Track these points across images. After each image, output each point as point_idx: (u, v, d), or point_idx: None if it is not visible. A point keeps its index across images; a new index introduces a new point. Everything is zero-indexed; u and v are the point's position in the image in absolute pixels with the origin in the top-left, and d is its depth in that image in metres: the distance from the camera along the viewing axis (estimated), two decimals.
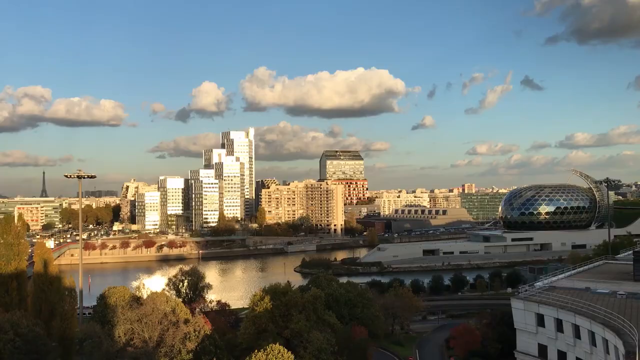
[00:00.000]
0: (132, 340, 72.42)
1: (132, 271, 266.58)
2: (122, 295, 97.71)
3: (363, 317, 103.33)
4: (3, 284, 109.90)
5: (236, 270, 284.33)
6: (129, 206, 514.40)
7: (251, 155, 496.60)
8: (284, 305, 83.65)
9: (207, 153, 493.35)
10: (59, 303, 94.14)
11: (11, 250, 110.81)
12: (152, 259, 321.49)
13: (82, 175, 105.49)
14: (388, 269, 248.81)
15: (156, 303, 77.52)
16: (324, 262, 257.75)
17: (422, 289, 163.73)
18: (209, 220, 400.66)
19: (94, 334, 74.99)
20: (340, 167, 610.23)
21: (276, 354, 53.73)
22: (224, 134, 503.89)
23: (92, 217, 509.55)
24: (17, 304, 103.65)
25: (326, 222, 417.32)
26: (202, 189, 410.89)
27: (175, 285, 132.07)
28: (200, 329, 74.70)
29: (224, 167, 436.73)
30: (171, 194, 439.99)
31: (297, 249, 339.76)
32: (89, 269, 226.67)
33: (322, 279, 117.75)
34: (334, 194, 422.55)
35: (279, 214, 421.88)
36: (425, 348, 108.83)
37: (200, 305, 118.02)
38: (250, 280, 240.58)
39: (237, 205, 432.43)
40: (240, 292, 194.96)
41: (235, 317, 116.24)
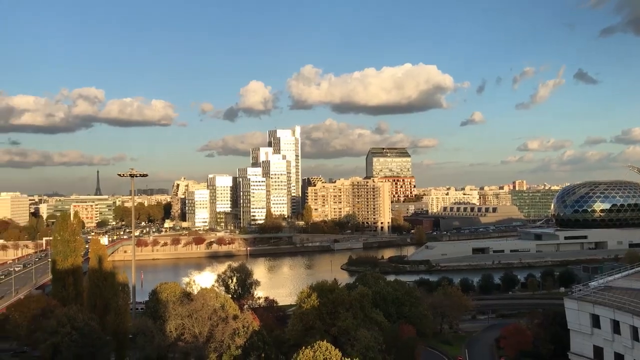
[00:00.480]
0: (183, 335, 73.90)
1: (182, 267, 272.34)
2: (173, 291, 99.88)
3: (411, 315, 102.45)
4: (60, 279, 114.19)
5: (283, 267, 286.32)
6: (180, 204, 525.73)
7: (297, 153, 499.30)
8: (331, 302, 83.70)
9: (254, 151, 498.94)
10: (113, 298, 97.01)
11: (68, 246, 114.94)
12: (202, 255, 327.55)
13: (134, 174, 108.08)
14: (436, 268, 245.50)
15: (206, 299, 78.86)
16: (371, 260, 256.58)
17: (472, 287, 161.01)
18: (256, 217, 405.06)
19: (146, 329, 76.83)
20: (387, 164, 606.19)
21: (324, 351, 53.77)
22: (271, 133, 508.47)
23: (144, 215, 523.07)
24: (73, 298, 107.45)
25: (373, 220, 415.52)
26: (250, 187, 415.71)
27: (225, 282, 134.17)
28: (249, 325, 75.58)
29: (271, 165, 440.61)
30: (220, 192, 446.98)
31: (343, 247, 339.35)
32: (142, 265, 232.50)
33: (369, 277, 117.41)
34: (380, 192, 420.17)
35: (325, 212, 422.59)
36: (475, 348, 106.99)
37: (249, 302, 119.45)
38: (297, 277, 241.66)
39: (283, 202, 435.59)
40: (287, 289, 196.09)
41: (282, 314, 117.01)
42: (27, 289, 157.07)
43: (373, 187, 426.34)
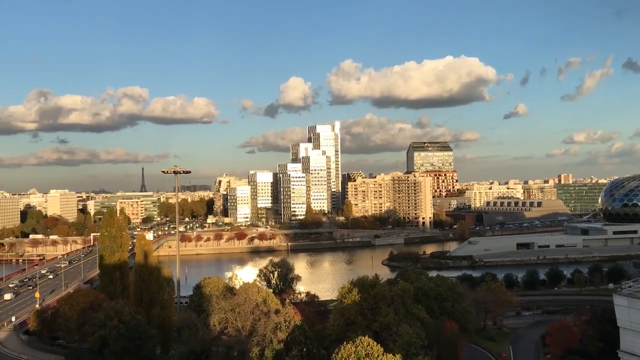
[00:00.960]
0: (226, 329, 74.90)
1: (225, 262, 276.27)
2: (216, 285, 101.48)
3: (453, 311, 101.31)
4: (107, 273, 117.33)
5: (324, 263, 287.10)
6: (222, 200, 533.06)
7: (337, 149, 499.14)
8: (372, 298, 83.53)
9: (294, 147, 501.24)
10: (158, 292, 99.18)
11: (114, 242, 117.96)
12: (244, 250, 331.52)
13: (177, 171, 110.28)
14: (479, 263, 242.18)
15: (248, 293, 79.68)
16: (413, 256, 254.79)
17: (516, 283, 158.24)
18: (296, 213, 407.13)
19: (190, 323, 78.22)
20: (428, 158, 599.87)
21: (365, 346, 53.68)
22: (310, 128, 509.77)
23: (188, 211, 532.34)
24: (120, 292, 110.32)
25: (414, 215, 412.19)
26: (290, 183, 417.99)
27: (266, 276, 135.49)
28: (291, 320, 76.01)
29: (311, 160, 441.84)
30: (261, 188, 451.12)
31: (384, 242, 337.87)
32: (185, 260, 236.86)
33: (410, 272, 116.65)
34: (421, 186, 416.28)
35: (365, 207, 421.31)
36: (520, 344, 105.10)
37: (290, 296, 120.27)
38: (338, 272, 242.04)
39: (323, 198, 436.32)
40: (328, 284, 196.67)
41: (323, 309, 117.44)
42: (76, 283, 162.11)
43: (414, 182, 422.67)
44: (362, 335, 58.01)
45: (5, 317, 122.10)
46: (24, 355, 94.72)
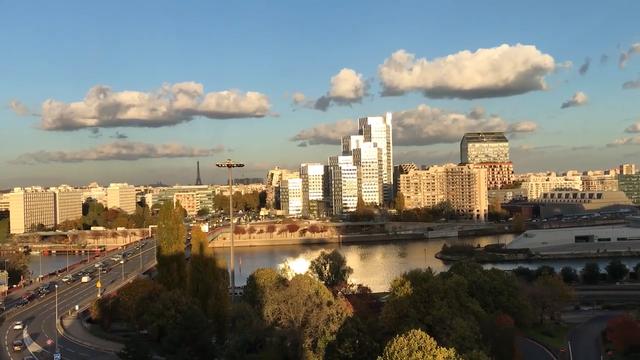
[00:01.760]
0: (279, 320, 75.85)
1: (277, 254, 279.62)
2: (270, 276, 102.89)
3: (509, 305, 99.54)
4: (165, 264, 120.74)
5: (376, 255, 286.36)
6: (274, 192, 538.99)
7: (389, 141, 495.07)
8: (425, 291, 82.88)
9: (345, 140, 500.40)
10: (213, 283, 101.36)
11: (171, 234, 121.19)
12: (296, 242, 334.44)
13: (231, 164, 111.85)
14: (536, 257, 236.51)
15: (301, 285, 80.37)
16: (467, 249, 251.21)
17: (575, 277, 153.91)
18: (348, 205, 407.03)
19: (245, 313, 79.56)
20: (482, 149, 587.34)
21: (418, 339, 53.28)
22: (361, 120, 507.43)
23: (241, 203, 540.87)
24: (177, 283, 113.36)
25: (468, 208, 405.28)
26: (341, 175, 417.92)
27: (318, 268, 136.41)
28: (343, 312, 76.30)
29: (362, 153, 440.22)
30: (312, 181, 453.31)
31: (437, 235, 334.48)
32: (239, 252, 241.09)
33: (464, 265, 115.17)
34: (476, 178, 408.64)
35: (417, 199, 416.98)
36: (579, 340, 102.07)
37: (342, 289, 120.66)
38: (390, 265, 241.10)
39: (375, 190, 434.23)
40: (380, 277, 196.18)
41: (376, 302, 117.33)
42: (135, 273, 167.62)
43: (468, 174, 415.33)
44: (414, 328, 57.60)
45: (70, 305, 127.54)
46: (86, 343, 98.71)
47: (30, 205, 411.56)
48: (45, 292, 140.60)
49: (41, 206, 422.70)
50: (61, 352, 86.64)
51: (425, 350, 51.89)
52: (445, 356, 52.00)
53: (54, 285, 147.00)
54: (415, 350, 51.78)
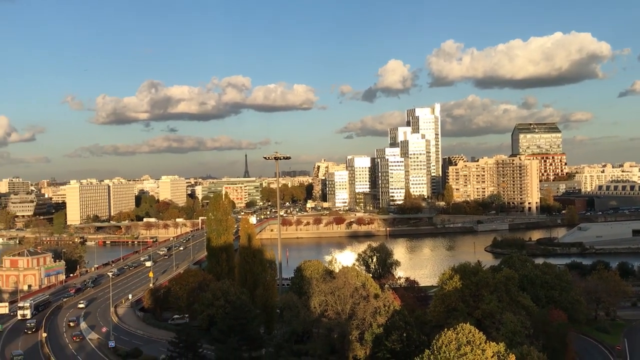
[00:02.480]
0: (326, 312, 76.12)
1: (324, 246, 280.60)
2: (316, 268, 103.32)
3: (561, 300, 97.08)
4: (215, 255, 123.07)
5: (424, 248, 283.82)
6: (320, 185, 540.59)
7: (437, 132, 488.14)
8: (474, 284, 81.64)
9: (392, 131, 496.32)
10: (261, 274, 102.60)
11: (220, 225, 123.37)
12: (342, 235, 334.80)
13: (278, 157, 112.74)
14: (590, 250, 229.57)
15: (347, 277, 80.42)
16: (517, 242, 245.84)
17: (632, 272, 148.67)
18: (395, 198, 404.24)
19: (292, 304, 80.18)
20: (534, 140, 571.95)
21: (467, 333, 52.51)
22: (409, 112, 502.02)
23: (288, 195, 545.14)
24: (226, 273, 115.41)
25: (519, 200, 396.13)
26: (388, 167, 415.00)
27: (365, 261, 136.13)
28: (390, 305, 75.94)
29: (410, 144, 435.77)
30: (358, 173, 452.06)
31: (487, 228, 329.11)
32: (286, 243, 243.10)
33: (515, 259, 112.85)
34: (527, 170, 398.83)
35: (467, 192, 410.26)
36: (636, 337, 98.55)
37: (389, 281, 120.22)
38: (438, 258, 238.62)
39: (423, 183, 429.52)
40: (428, 270, 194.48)
41: (423, 295, 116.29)
42: (185, 264, 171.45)
43: (519, 165, 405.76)
44: (463, 322, 56.79)
45: (123, 294, 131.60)
46: (140, 331, 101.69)
47: (86, 197, 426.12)
48: (90, 286, 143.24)
49: (96, 198, 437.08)
50: (115, 339, 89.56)
51: (474, 344, 51.08)
52: (494, 351, 51.08)
53: (101, 278, 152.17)
54: (464, 344, 51.05)
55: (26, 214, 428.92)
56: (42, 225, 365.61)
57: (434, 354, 51.85)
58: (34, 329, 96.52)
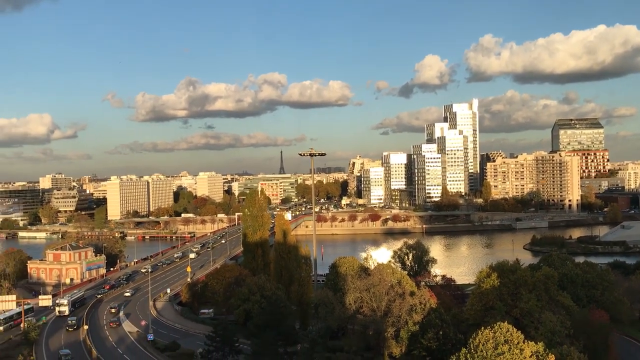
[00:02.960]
0: (361, 309, 75.99)
1: (359, 243, 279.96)
2: (351, 265, 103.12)
3: (603, 300, 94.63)
4: (250, 250, 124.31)
5: (461, 246, 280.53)
6: (355, 181, 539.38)
7: (475, 128, 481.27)
8: (512, 283, 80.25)
9: (429, 127, 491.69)
10: (296, 270, 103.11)
11: (256, 221, 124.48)
12: (378, 231, 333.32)
13: (313, 154, 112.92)
14: (634, 249, 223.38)
15: (383, 274, 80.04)
16: (557, 240, 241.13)
17: None
18: (431, 194, 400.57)
19: (327, 300, 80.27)
20: (575, 136, 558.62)
21: (504, 332, 51.67)
22: (446, 107, 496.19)
23: (323, 192, 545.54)
24: (262, 269, 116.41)
25: (559, 197, 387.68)
26: (425, 164, 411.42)
27: (401, 258, 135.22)
28: (426, 302, 75.33)
29: (447, 141, 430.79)
30: (394, 169, 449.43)
31: (526, 226, 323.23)
32: (321, 240, 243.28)
33: (555, 257, 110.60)
34: (568, 167, 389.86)
35: (505, 189, 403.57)
36: None
37: (425, 279, 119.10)
38: (476, 256, 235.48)
39: (460, 179, 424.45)
40: (465, 268, 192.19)
41: (460, 293, 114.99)
42: (222, 259, 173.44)
43: (560, 162, 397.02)
44: (501, 321, 55.89)
45: (162, 288, 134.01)
46: (177, 324, 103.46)
47: (126, 193, 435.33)
48: (124, 283, 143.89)
49: (135, 194, 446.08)
50: (154, 332, 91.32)
51: (512, 343, 50.25)
52: (533, 350, 50.15)
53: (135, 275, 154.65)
54: (502, 343, 50.27)
55: (68, 209, 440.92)
56: (84, 220, 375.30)
57: (471, 352, 51.20)
58: (75, 326, 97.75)
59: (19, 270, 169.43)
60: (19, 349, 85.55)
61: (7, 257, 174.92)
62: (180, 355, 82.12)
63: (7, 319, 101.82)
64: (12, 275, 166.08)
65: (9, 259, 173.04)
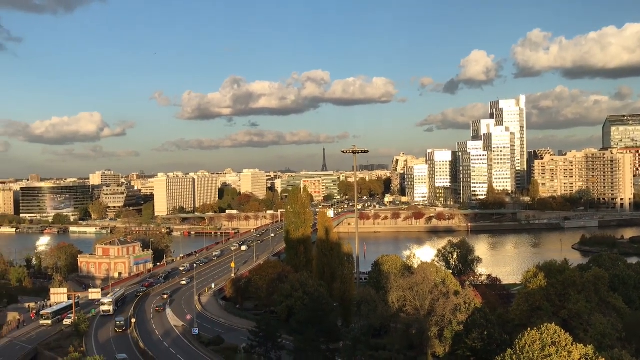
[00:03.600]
0: (404, 307, 75.31)
1: (402, 241, 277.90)
2: (394, 263, 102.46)
3: None
4: (293, 247, 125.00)
5: (507, 245, 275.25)
6: (399, 179, 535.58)
7: (522, 125, 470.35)
8: (560, 283, 78.16)
9: (474, 124, 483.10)
10: (339, 267, 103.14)
11: (299, 218, 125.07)
12: (421, 230, 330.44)
13: (356, 151, 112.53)
14: None
15: (426, 273, 79.14)
16: (608, 240, 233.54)
17: None
18: (477, 193, 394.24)
19: (369, 298, 79.90)
20: (628, 133, 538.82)
21: (552, 334, 50.26)
22: (493, 104, 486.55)
23: (366, 189, 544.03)
24: (304, 265, 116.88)
25: (610, 196, 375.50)
26: (470, 161, 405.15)
27: (445, 257, 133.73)
28: (471, 302, 74.16)
29: (493, 137, 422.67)
30: (439, 167, 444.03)
31: (575, 225, 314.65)
32: (364, 238, 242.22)
33: (605, 257, 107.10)
34: (620, 164, 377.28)
35: (553, 187, 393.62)
36: None
37: (470, 278, 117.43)
38: (522, 256, 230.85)
39: (506, 177, 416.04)
40: (511, 268, 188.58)
41: (506, 293, 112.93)
42: (265, 255, 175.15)
43: (611, 160, 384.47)
44: (548, 322, 54.39)
45: (207, 283, 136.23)
46: (222, 319, 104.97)
47: (172, 189, 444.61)
48: (161, 282, 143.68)
49: (181, 190, 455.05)
50: (198, 327, 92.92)
51: (560, 346, 48.84)
52: (582, 353, 48.59)
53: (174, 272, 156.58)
54: (549, 345, 48.91)
55: (117, 205, 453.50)
56: (132, 215, 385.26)
57: (517, 353, 50.03)
58: (123, 327, 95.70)
59: (70, 264, 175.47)
60: (69, 340, 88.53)
61: (59, 251, 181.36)
62: (224, 349, 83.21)
63: (55, 313, 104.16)
64: (64, 269, 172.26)
65: (60, 253, 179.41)
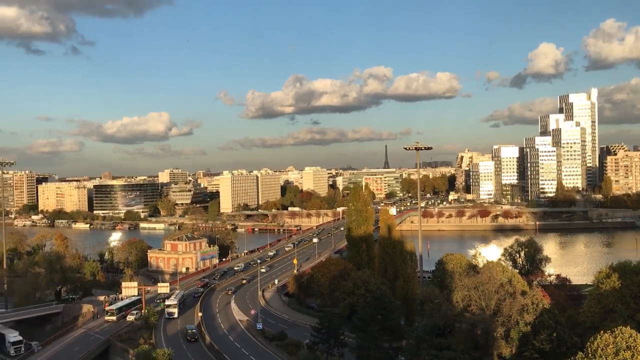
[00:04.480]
0: (469, 307, 73.92)
1: (467, 239, 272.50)
2: (459, 262, 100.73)
3: None
4: (354, 245, 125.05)
5: (577, 244, 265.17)
6: (464, 176, 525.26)
7: (594, 119, 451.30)
8: (636, 285, 74.49)
9: (543, 119, 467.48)
10: (401, 265, 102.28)
11: (360, 215, 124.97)
12: (487, 228, 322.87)
13: (419, 147, 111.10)
14: None
15: (492, 272, 77.39)
16: None
17: None
18: (545, 190, 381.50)
19: (433, 297, 78.94)
20: None
21: (627, 337, 48.02)
22: (562, 98, 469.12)
23: (429, 187, 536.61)
24: (366, 263, 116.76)
25: None
26: (538, 158, 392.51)
27: (511, 256, 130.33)
28: (538, 302, 71.99)
29: (562, 133, 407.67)
30: (505, 164, 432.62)
31: None
32: (427, 236, 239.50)
33: None
34: None
35: (628, 184, 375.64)
36: None
37: (538, 278, 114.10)
38: (594, 255, 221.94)
39: (577, 174, 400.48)
40: (581, 268, 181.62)
41: (576, 294, 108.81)
42: (327, 252, 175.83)
43: None
44: (622, 325, 52.01)
45: (270, 279, 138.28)
46: (285, 315, 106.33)
47: (237, 187, 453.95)
48: (216, 282, 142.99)
49: (245, 188, 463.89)
50: (262, 322, 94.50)
51: (635, 350, 46.62)
52: None
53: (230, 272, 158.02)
54: (623, 349, 46.77)
55: (184, 202, 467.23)
56: (198, 212, 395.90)
57: (588, 357, 48.13)
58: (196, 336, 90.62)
59: (140, 259, 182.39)
60: (140, 333, 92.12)
61: (130, 247, 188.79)
62: (288, 345, 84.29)
63: (119, 310, 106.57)
64: (134, 264, 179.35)
65: (131, 248, 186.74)
